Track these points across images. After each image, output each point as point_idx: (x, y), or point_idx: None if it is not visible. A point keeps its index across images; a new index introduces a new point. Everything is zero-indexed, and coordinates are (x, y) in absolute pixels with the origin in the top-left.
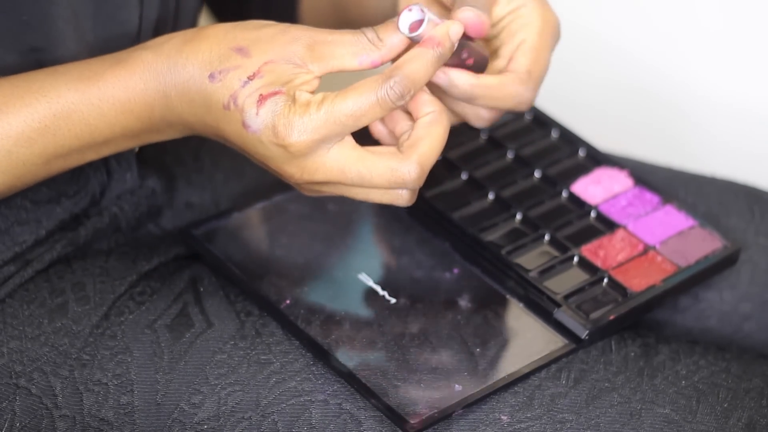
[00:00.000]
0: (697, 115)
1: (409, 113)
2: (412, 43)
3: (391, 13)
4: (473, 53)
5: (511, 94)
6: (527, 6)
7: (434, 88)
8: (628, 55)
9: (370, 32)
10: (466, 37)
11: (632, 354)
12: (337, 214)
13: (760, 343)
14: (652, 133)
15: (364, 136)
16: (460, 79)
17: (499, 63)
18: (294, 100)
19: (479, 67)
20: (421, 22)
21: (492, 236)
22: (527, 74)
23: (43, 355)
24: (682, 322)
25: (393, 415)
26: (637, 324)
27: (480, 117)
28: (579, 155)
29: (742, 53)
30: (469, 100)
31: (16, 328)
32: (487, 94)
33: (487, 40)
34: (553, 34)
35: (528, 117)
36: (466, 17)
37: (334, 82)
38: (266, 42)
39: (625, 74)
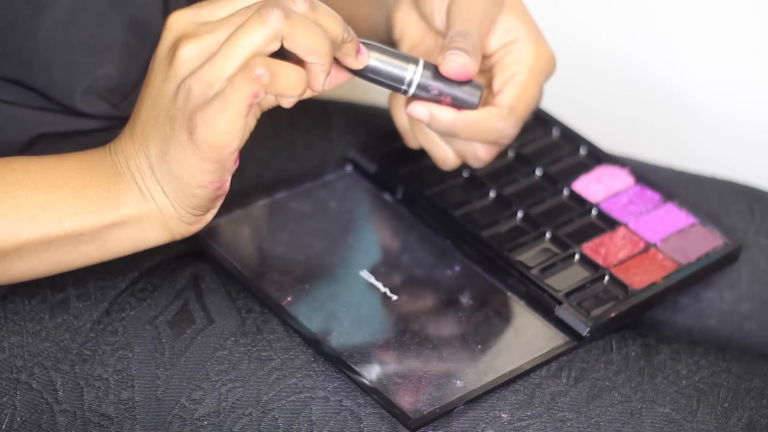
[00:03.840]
0: (698, 115)
1: None
2: None
3: (382, 30)
4: (455, 92)
5: (491, 129)
6: (521, 40)
7: (418, 125)
8: (629, 56)
9: None
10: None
11: (633, 353)
12: (338, 211)
13: (760, 343)
14: (652, 133)
15: None
16: (440, 113)
17: (488, 96)
18: None
19: (467, 102)
20: None
21: (493, 234)
22: (509, 110)
23: (44, 350)
24: (682, 322)
25: (394, 410)
26: (638, 323)
27: (476, 155)
28: (580, 153)
29: (743, 54)
30: (452, 134)
31: (17, 323)
32: (468, 128)
33: (482, 71)
34: (544, 70)
35: None
36: (451, 69)
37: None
38: None
39: (626, 75)
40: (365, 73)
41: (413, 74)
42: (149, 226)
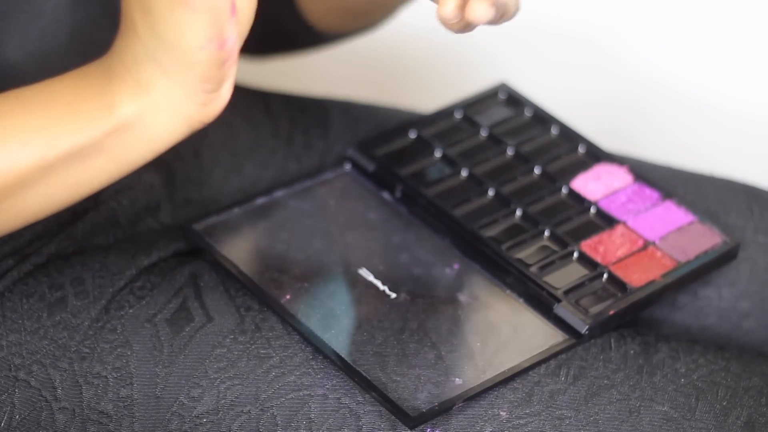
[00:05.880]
0: (696, 113)
1: None
2: None
3: None
4: None
5: None
6: None
7: None
8: (628, 55)
9: None
10: None
11: (632, 351)
12: (337, 210)
13: (758, 341)
14: (650, 131)
15: None
16: None
17: None
18: None
19: None
20: None
21: (492, 232)
22: None
23: (42, 348)
24: (680, 320)
25: (393, 407)
26: (636, 321)
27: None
28: (579, 151)
29: (742, 54)
30: None
31: (15, 321)
32: None
33: None
34: None
35: (528, 114)
36: (479, 16)
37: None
38: None
39: (625, 73)
40: None
41: None
42: (156, 121)
